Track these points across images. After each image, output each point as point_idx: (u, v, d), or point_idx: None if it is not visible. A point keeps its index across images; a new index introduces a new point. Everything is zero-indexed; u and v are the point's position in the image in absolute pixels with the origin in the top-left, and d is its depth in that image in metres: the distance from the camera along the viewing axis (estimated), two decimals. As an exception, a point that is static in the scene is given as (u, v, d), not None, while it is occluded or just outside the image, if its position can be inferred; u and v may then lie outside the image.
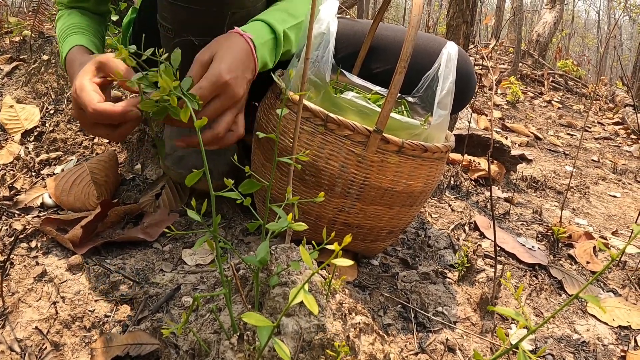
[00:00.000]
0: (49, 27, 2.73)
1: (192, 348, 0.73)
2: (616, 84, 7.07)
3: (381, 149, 0.99)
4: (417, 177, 1.05)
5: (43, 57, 2.04)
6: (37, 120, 1.68)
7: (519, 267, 1.40)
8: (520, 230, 1.68)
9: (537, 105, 4.99)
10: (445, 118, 1.06)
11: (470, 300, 1.17)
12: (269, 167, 1.09)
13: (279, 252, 0.77)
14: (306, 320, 0.69)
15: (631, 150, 3.81)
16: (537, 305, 1.25)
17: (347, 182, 1.01)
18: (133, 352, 0.83)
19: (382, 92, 1.28)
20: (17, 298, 0.95)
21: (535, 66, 6.76)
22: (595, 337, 1.16)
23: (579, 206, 2.18)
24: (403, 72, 0.93)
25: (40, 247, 1.10)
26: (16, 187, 1.34)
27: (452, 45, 1.14)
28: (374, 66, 1.40)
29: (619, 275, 1.47)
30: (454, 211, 1.64)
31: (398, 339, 1.00)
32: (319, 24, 1.06)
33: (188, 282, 1.02)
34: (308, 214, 1.08)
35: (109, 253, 1.12)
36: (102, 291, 0.99)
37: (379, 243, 1.17)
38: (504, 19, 8.54)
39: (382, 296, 1.11)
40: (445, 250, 1.37)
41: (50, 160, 1.50)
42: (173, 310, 0.95)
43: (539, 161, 2.95)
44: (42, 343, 0.87)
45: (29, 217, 1.22)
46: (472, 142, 2.16)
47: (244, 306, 0.72)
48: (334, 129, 0.98)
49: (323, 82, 1.03)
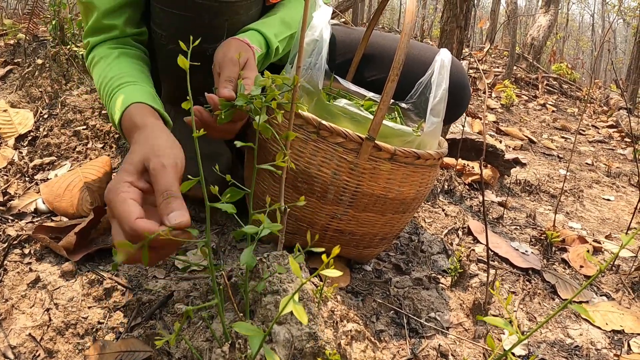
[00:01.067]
0: (43, 30, 2.72)
1: (184, 356, 0.74)
2: (610, 87, 7.10)
3: (373, 157, 0.99)
4: (410, 184, 1.05)
5: (37, 61, 2.04)
6: (31, 125, 1.68)
7: (512, 271, 1.40)
8: (514, 234, 1.69)
9: (531, 108, 5.01)
10: (438, 125, 1.07)
11: (463, 305, 1.17)
12: (262, 173, 1.10)
13: (271, 260, 0.78)
14: (298, 328, 0.70)
15: (625, 154, 3.83)
16: (531, 309, 1.25)
17: (340, 189, 1.02)
18: (126, 359, 0.83)
19: (375, 98, 1.28)
20: (11, 305, 0.95)
21: (529, 69, 6.78)
22: (589, 341, 1.16)
23: (573, 210, 2.19)
24: (396, 79, 0.93)
25: (33, 253, 1.10)
26: (10, 192, 1.34)
27: (446, 52, 1.14)
28: (368, 74, 1.41)
29: (613, 279, 1.48)
30: (447, 216, 1.65)
31: (390, 345, 1.01)
32: (312, 31, 1.07)
33: (181, 289, 1.02)
34: (301, 221, 1.08)
35: (102, 259, 1.12)
36: (96, 298, 0.99)
37: (372, 249, 1.17)
38: (499, 23, 8.57)
39: (374, 302, 1.12)
40: (439, 256, 1.38)
41: (44, 165, 1.50)
42: (166, 317, 0.95)
43: (533, 165, 2.96)
44: (35, 350, 0.87)
45: (22, 222, 1.22)
46: (466, 146, 2.16)
47: (235, 314, 0.72)
48: (326, 136, 0.99)
49: (316, 89, 1.03)
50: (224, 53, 1.01)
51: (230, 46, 1.03)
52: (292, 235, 1.11)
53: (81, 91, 1.89)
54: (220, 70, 0.99)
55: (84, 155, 1.55)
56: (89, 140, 1.61)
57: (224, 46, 1.04)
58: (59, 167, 1.50)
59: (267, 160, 1.07)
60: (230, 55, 1.00)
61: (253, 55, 1.04)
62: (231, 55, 0.99)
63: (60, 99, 1.83)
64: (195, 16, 1.05)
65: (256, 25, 1.14)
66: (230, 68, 0.98)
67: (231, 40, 1.05)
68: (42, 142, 1.59)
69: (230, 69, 0.98)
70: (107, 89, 1.05)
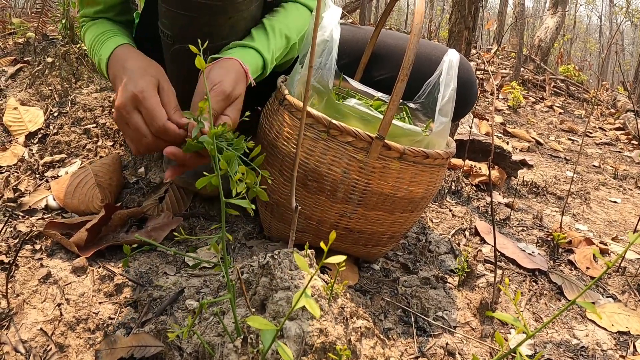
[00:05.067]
0: (52, 29, 2.74)
1: (195, 351, 0.74)
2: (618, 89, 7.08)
3: (383, 156, 1.00)
4: (418, 183, 1.06)
5: (47, 59, 2.06)
6: (41, 123, 1.70)
7: (519, 272, 1.41)
8: (521, 235, 1.69)
9: (538, 110, 5.00)
10: (446, 125, 1.07)
11: (470, 305, 1.18)
12: (273, 171, 1.10)
13: (282, 257, 0.78)
14: (309, 324, 0.70)
15: (632, 156, 3.82)
16: (537, 310, 1.25)
17: (349, 188, 1.02)
18: (137, 354, 0.84)
19: (384, 98, 1.29)
20: (22, 300, 0.96)
21: (537, 71, 6.77)
22: (595, 342, 1.17)
23: (580, 212, 2.19)
24: (405, 79, 0.94)
25: (44, 249, 1.11)
26: (20, 189, 1.36)
27: (454, 52, 1.15)
28: (376, 73, 1.42)
29: (619, 280, 1.48)
30: (454, 216, 1.65)
31: (398, 343, 1.01)
32: (322, 31, 1.07)
33: (191, 285, 1.03)
34: (310, 219, 1.09)
35: (113, 256, 1.13)
36: (107, 293, 1.00)
37: (380, 248, 1.18)
38: (506, 24, 8.56)
39: (382, 300, 1.12)
40: (446, 256, 1.38)
41: (54, 162, 1.51)
42: (177, 313, 0.96)
43: (540, 166, 2.96)
44: (46, 344, 0.88)
45: (33, 219, 1.23)
46: (474, 148, 2.17)
47: (247, 310, 0.73)
48: (336, 135, 1.00)
49: (326, 89, 1.04)
50: (220, 79, 0.99)
51: (230, 73, 1.01)
52: (302, 234, 1.12)
53: (91, 89, 1.91)
54: (210, 93, 0.97)
55: (94, 153, 1.56)
56: (99, 138, 1.63)
57: (224, 67, 1.02)
58: (69, 164, 1.51)
59: (277, 158, 1.08)
60: (225, 87, 0.98)
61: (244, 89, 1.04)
62: (225, 88, 0.98)
63: (70, 97, 1.85)
64: (198, 16, 1.06)
65: (257, 44, 1.13)
66: (219, 101, 0.97)
67: (234, 64, 1.04)
68: (52, 139, 1.60)
69: (218, 103, 0.97)
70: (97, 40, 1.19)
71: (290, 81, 1.14)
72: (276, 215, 1.14)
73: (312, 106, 1.04)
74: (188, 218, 1.30)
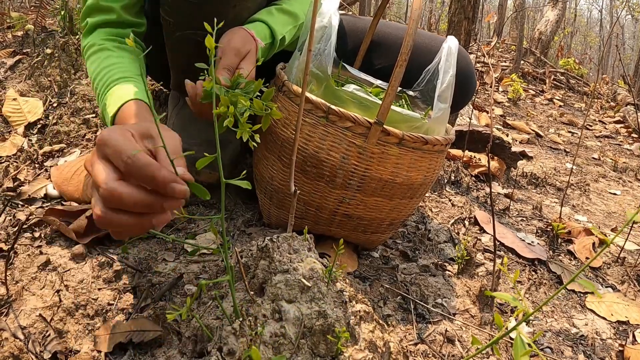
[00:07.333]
0: (50, 22, 2.74)
1: (194, 334, 0.74)
2: (618, 82, 7.07)
3: (382, 141, 1.00)
4: (418, 169, 1.06)
5: (46, 50, 2.05)
6: (40, 113, 1.69)
7: (518, 261, 1.41)
8: (520, 225, 1.69)
9: (538, 103, 4.99)
10: (445, 111, 1.07)
11: (469, 292, 1.18)
12: (270, 158, 1.10)
13: (281, 241, 0.78)
14: (308, 306, 0.70)
15: (632, 149, 3.81)
16: (536, 299, 1.25)
17: (348, 174, 1.02)
18: (136, 338, 0.84)
19: (383, 85, 1.29)
20: (21, 286, 0.96)
21: (537, 64, 6.76)
22: (594, 331, 1.17)
23: (579, 203, 2.19)
24: (404, 65, 0.94)
25: (44, 236, 1.11)
26: (19, 179, 1.35)
27: (452, 39, 1.14)
28: (375, 62, 1.41)
29: (618, 271, 1.48)
30: (454, 206, 1.65)
31: (398, 330, 1.01)
32: (321, 17, 1.07)
33: (190, 271, 1.03)
34: (309, 205, 1.09)
35: (111, 243, 1.13)
36: (106, 280, 1.00)
37: (379, 235, 1.18)
38: (506, 17, 8.54)
39: (382, 287, 1.12)
40: (445, 244, 1.38)
41: (53, 152, 1.51)
42: (176, 298, 0.96)
43: (540, 158, 2.95)
44: (45, 330, 0.88)
45: (32, 207, 1.23)
46: (473, 139, 2.16)
47: (246, 293, 0.73)
48: (335, 120, 0.99)
49: (325, 75, 1.04)
50: (228, 41, 1.04)
51: (235, 35, 1.05)
52: (301, 220, 1.11)
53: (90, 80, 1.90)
54: (222, 57, 1.01)
55: (93, 142, 1.56)
56: (99, 128, 1.62)
57: (229, 34, 1.06)
58: (68, 154, 1.51)
59: (276, 144, 1.08)
60: (234, 45, 1.02)
61: (255, 48, 1.06)
62: (234, 45, 1.02)
63: (69, 88, 1.84)
64: (202, 3, 1.06)
65: (263, 16, 1.16)
66: (231, 57, 1.01)
67: (238, 29, 1.08)
68: (52, 129, 1.60)
69: (230, 58, 1.01)
70: (103, 80, 1.04)
71: (289, 68, 1.14)
72: (275, 202, 1.14)
73: (311, 92, 1.04)
74: (187, 205, 1.30)
